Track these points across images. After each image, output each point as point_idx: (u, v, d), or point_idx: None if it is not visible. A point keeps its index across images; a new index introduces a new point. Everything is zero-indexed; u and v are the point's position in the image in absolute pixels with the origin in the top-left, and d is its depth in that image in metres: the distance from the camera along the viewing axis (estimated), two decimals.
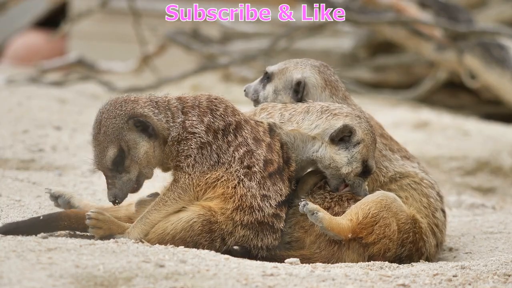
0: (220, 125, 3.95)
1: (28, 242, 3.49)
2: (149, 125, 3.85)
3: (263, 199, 3.89)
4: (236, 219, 3.84)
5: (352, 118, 4.03)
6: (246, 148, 3.93)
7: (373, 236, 3.98)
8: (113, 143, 3.85)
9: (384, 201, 4.03)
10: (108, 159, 3.86)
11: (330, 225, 3.89)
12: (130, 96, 3.94)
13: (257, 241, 3.87)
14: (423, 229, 4.16)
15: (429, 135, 8.05)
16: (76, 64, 10.96)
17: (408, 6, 7.95)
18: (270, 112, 4.17)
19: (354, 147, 4.02)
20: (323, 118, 4.05)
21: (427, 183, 4.28)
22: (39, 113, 7.88)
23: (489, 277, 3.54)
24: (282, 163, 3.99)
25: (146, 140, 3.87)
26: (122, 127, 3.85)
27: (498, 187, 6.84)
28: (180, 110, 3.94)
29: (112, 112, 3.87)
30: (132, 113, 3.86)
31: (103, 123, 3.87)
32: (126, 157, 3.86)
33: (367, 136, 4.03)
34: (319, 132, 4.04)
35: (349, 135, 4.01)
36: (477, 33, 7.58)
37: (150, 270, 3.25)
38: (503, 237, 4.65)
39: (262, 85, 4.32)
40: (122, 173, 3.87)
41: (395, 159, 4.29)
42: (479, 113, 10.60)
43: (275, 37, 9.15)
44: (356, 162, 4.01)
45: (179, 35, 10.49)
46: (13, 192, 4.75)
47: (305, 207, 3.88)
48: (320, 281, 3.38)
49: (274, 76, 4.31)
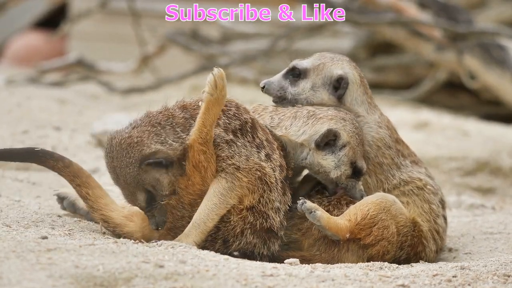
0: (236, 124, 3.88)
1: (28, 243, 3.49)
2: (161, 160, 3.78)
3: (276, 210, 3.88)
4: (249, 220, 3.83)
5: (336, 121, 4.00)
6: (265, 151, 3.90)
7: (371, 238, 3.97)
8: (137, 189, 3.81)
9: (384, 203, 4.02)
10: (140, 202, 3.84)
11: (328, 224, 3.89)
12: (132, 136, 3.82)
13: (263, 249, 3.86)
14: (423, 232, 4.14)
15: (429, 135, 8.05)
16: (76, 65, 10.96)
17: (408, 7, 7.95)
18: (261, 114, 4.13)
19: (340, 150, 3.99)
20: (309, 124, 4.02)
21: (430, 189, 4.23)
22: (39, 113, 7.88)
23: (488, 278, 3.54)
24: (287, 169, 3.98)
25: (165, 172, 3.80)
26: (139, 173, 3.79)
27: (498, 187, 6.84)
28: (190, 119, 3.87)
29: (122, 160, 3.80)
30: (142, 157, 3.78)
31: (118, 172, 3.82)
32: (156, 194, 3.82)
33: (352, 138, 4.00)
34: (306, 138, 4.01)
35: (334, 139, 3.99)
36: (477, 34, 7.58)
37: (150, 271, 3.25)
38: (502, 238, 4.65)
39: (289, 81, 4.17)
40: (156, 204, 3.84)
41: (405, 165, 4.22)
42: (478, 114, 10.60)
43: (274, 37, 9.16)
44: (344, 165, 3.99)
45: (179, 36, 10.49)
46: (13, 192, 4.75)
47: (303, 205, 3.87)
48: (319, 281, 3.38)
49: (309, 72, 4.17)
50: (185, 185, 3.81)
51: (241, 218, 3.82)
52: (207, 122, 3.77)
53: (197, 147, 3.76)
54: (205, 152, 3.76)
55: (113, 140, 3.84)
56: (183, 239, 3.77)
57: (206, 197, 3.80)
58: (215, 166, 3.80)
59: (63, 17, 14.92)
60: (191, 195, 3.81)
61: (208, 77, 3.80)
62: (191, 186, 3.81)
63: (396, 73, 11.11)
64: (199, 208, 3.79)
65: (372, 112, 4.23)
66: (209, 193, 3.80)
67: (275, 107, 4.17)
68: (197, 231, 3.78)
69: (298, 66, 4.19)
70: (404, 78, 11.06)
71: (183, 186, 3.81)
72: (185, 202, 3.82)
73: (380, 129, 4.21)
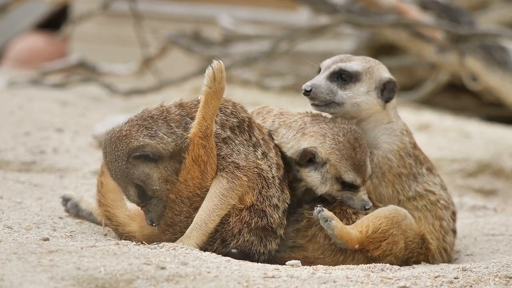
0: (234, 122, 3.88)
1: (29, 244, 3.49)
2: (148, 153, 3.77)
3: (274, 207, 3.88)
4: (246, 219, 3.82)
5: (316, 139, 3.95)
6: (261, 150, 3.90)
7: (379, 251, 3.96)
8: (128, 183, 3.81)
9: (396, 218, 4.00)
10: (133, 197, 3.84)
11: (340, 234, 3.88)
12: (122, 130, 3.82)
13: (260, 247, 3.85)
14: (431, 250, 4.11)
15: (431, 137, 8.05)
16: (78, 66, 10.97)
17: (410, 8, 7.95)
18: (264, 117, 4.11)
19: (321, 167, 3.95)
20: (296, 138, 3.98)
21: (443, 203, 4.19)
22: (41, 115, 7.89)
23: (490, 279, 3.54)
24: (284, 169, 3.97)
25: (154, 166, 3.79)
26: (127, 167, 3.78)
27: (500, 189, 6.84)
28: (187, 116, 3.86)
29: (112, 154, 3.81)
30: (128, 150, 3.78)
31: (110, 166, 3.83)
32: (146, 189, 3.81)
33: (332, 155, 3.93)
34: (292, 153, 3.99)
35: (313, 156, 3.95)
36: (479, 35, 7.57)
37: (151, 272, 3.25)
38: (504, 239, 4.64)
39: (337, 84, 4.05)
40: (151, 199, 3.84)
41: (421, 175, 4.17)
42: (480, 115, 10.60)
43: (276, 39, 9.16)
44: (329, 181, 3.95)
45: (180, 38, 10.50)
46: (15, 194, 4.75)
47: (320, 213, 3.85)
48: (321, 283, 3.37)
49: (361, 75, 4.06)
50: (184, 178, 3.81)
51: (239, 219, 3.82)
52: (207, 116, 3.77)
53: (197, 141, 3.76)
54: (204, 146, 3.76)
55: (107, 136, 3.86)
56: (185, 241, 3.77)
57: (207, 198, 3.79)
58: (215, 160, 3.80)
59: (64, 19, 14.94)
60: (190, 188, 3.81)
61: (207, 70, 3.80)
62: (190, 180, 3.80)
63: (398, 74, 11.05)
64: (200, 209, 3.79)
65: (397, 116, 4.21)
66: (210, 193, 3.79)
67: (280, 111, 4.14)
68: (198, 232, 3.78)
69: (348, 69, 4.05)
70: (406, 80, 11.05)
71: (183, 179, 3.81)
72: (184, 196, 3.81)
73: (404, 137, 4.16)
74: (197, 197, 3.81)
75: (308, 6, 8.41)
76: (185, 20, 14.03)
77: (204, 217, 3.78)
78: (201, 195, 3.81)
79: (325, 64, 4.12)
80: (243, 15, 13.73)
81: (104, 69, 11.18)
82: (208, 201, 3.79)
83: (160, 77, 10.59)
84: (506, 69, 7.52)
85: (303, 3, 8.45)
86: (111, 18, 14.27)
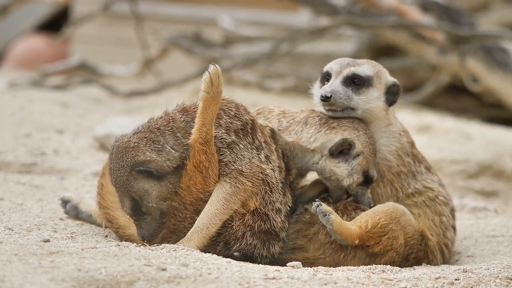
0: (238, 124, 3.87)
1: (30, 246, 3.49)
2: (152, 170, 3.75)
3: (277, 210, 3.87)
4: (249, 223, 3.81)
5: (350, 132, 4.00)
6: (264, 153, 3.89)
7: (379, 247, 3.97)
8: (125, 194, 3.79)
9: (394, 213, 4.01)
10: (127, 208, 3.82)
11: (339, 229, 3.88)
12: (130, 141, 3.80)
13: (263, 250, 3.85)
14: (430, 247, 4.11)
15: (431, 138, 8.04)
16: (78, 68, 10.98)
17: (410, 10, 7.95)
18: (267, 117, 4.12)
19: (353, 159, 3.99)
20: (321, 132, 4.01)
21: (442, 199, 4.20)
22: (41, 116, 7.89)
23: (491, 281, 3.54)
24: (285, 171, 3.97)
25: (155, 184, 3.77)
26: (128, 179, 3.76)
27: (501, 190, 6.84)
28: (191, 122, 3.83)
29: (116, 163, 3.79)
30: (133, 163, 3.76)
31: (112, 174, 3.81)
32: (141, 205, 3.79)
33: (366, 148, 4.00)
34: (318, 145, 4.01)
35: (348, 148, 3.99)
36: (479, 37, 7.57)
37: (152, 274, 3.25)
38: (505, 241, 4.64)
39: (352, 89, 4.03)
40: (145, 215, 3.82)
41: (420, 173, 4.18)
42: (481, 117, 10.59)
43: (277, 40, 9.16)
44: (357, 174, 4.00)
45: (181, 39, 10.50)
46: (15, 195, 4.75)
47: (319, 208, 3.86)
48: (322, 284, 3.37)
49: (373, 80, 4.06)
50: (186, 185, 3.80)
51: (243, 223, 3.81)
52: (206, 121, 3.77)
53: (198, 147, 3.76)
54: (205, 152, 3.76)
55: (116, 143, 3.84)
56: (185, 243, 3.76)
57: (209, 202, 3.78)
58: (217, 164, 3.79)
59: (65, 21, 14.95)
60: (193, 194, 3.80)
61: (203, 75, 3.80)
62: (192, 186, 3.79)
63: (399, 76, 11.01)
64: (202, 213, 3.78)
65: (395, 118, 4.22)
66: (212, 198, 3.78)
67: (281, 110, 4.15)
68: (199, 235, 3.77)
69: (361, 74, 4.04)
70: (406, 81, 11.04)
71: (185, 186, 3.80)
72: (187, 202, 3.81)
73: (402, 138, 4.17)
74: (201, 201, 3.80)
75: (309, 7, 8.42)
76: (186, 22, 14.03)
77: (205, 221, 3.77)
78: (205, 199, 3.80)
79: (335, 68, 4.08)
80: (243, 16, 13.74)
81: (105, 71, 11.19)
82: (211, 205, 3.78)
83: (161, 78, 10.59)
84: (506, 71, 7.51)
85: (303, 4, 8.45)
86: (112, 20, 14.28)
